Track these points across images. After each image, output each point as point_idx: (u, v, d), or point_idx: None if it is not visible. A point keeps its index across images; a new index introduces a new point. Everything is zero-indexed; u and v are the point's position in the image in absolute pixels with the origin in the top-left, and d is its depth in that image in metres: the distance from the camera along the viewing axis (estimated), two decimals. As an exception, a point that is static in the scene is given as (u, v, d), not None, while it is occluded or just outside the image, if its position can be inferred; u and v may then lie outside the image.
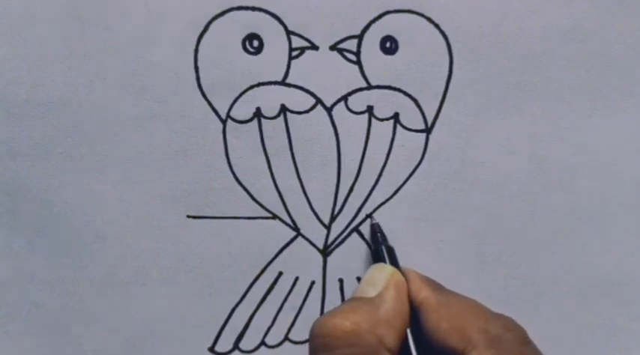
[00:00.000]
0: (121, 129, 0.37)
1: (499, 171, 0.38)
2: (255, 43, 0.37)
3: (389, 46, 0.37)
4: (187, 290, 0.39)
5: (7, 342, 0.40)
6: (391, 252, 0.36)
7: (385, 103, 0.37)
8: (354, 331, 0.29)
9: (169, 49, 0.37)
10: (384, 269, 0.33)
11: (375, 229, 0.37)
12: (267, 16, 0.36)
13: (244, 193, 0.38)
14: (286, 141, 0.38)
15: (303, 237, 0.39)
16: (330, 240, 0.39)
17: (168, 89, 0.37)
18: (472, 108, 0.38)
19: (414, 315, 0.32)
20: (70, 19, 0.36)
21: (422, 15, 0.36)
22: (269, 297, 0.39)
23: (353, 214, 0.39)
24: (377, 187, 0.38)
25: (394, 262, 0.35)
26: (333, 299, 0.39)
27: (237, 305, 0.39)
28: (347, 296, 0.40)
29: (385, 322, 0.30)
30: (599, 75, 0.37)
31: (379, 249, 0.36)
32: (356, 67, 0.37)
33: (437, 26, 0.37)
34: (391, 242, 0.38)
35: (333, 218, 0.39)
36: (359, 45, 0.37)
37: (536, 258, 0.39)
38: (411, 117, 0.38)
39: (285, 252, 0.39)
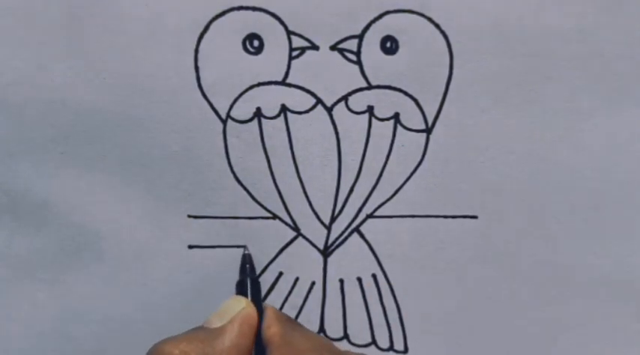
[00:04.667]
0: (121, 129, 0.37)
1: (499, 171, 0.38)
2: (256, 43, 0.37)
3: (389, 46, 0.37)
4: (187, 290, 0.39)
5: (7, 342, 0.40)
6: (255, 284, 0.35)
7: (385, 103, 0.37)
8: None
9: (169, 49, 0.37)
10: (238, 302, 0.33)
11: (246, 260, 0.37)
12: (268, 16, 0.36)
13: (244, 193, 0.38)
14: (286, 141, 0.38)
15: (304, 237, 0.39)
16: (330, 241, 0.39)
17: (169, 89, 0.37)
18: (472, 108, 0.38)
19: (264, 352, 0.33)
20: (70, 19, 0.36)
21: (422, 15, 0.36)
22: (269, 297, 0.39)
23: (353, 214, 0.39)
24: (377, 187, 0.38)
25: (256, 295, 0.35)
26: (333, 300, 0.39)
27: (237, 305, 0.39)
28: (347, 296, 0.40)
29: (218, 354, 0.31)
30: (599, 75, 0.37)
31: (244, 281, 0.35)
32: (356, 67, 0.37)
33: (437, 26, 0.37)
34: (391, 241, 0.38)
35: (333, 218, 0.39)
36: (359, 45, 0.37)
37: (537, 258, 0.39)
38: (411, 117, 0.38)
39: (285, 252, 0.39)
